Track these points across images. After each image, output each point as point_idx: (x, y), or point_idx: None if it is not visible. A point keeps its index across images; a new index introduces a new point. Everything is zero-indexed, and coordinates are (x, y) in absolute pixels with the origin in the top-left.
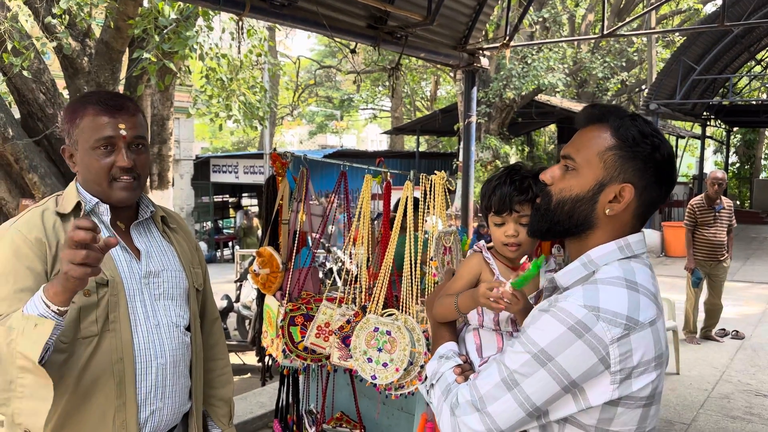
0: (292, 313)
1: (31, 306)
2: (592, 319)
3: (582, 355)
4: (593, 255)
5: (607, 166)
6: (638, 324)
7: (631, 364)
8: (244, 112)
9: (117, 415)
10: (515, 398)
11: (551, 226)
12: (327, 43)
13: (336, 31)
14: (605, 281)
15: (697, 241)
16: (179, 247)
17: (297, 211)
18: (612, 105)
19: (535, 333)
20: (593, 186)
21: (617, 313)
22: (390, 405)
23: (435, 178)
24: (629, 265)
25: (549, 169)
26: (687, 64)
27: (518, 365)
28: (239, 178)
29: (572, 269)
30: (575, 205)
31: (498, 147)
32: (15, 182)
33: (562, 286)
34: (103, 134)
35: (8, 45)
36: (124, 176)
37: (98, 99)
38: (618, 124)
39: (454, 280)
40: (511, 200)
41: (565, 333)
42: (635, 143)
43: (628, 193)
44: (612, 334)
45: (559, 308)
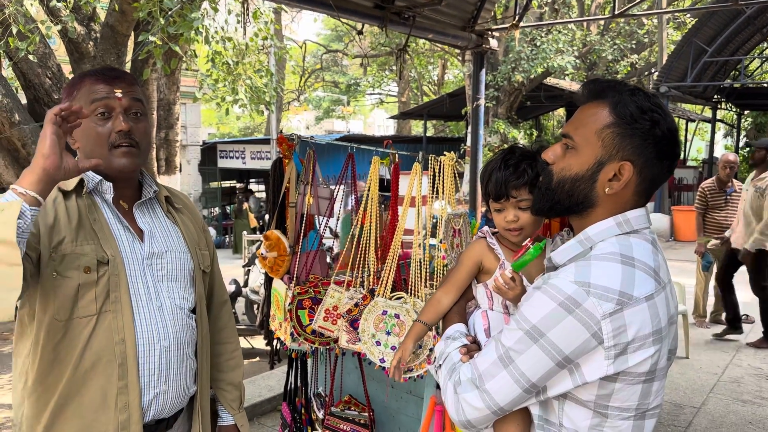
0: (299, 297)
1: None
2: (582, 295)
3: (573, 331)
4: (590, 232)
5: (605, 144)
6: (632, 299)
7: (626, 339)
8: (251, 96)
9: (119, 397)
10: (511, 375)
11: (553, 204)
12: (333, 27)
13: (342, 12)
14: (599, 257)
15: (707, 224)
16: (184, 228)
17: (304, 194)
18: (612, 80)
19: (528, 310)
20: (592, 165)
21: (608, 288)
22: (399, 388)
23: (444, 159)
24: (627, 240)
25: (550, 148)
26: (698, 45)
27: (512, 342)
28: (246, 163)
29: (568, 247)
30: (575, 184)
31: (506, 131)
32: (22, 167)
33: (557, 264)
34: (97, 97)
35: (13, 29)
36: (123, 142)
37: (95, 71)
38: (616, 101)
39: (456, 266)
40: (507, 186)
41: (555, 309)
42: (633, 120)
43: (627, 171)
44: (603, 309)
45: (551, 285)
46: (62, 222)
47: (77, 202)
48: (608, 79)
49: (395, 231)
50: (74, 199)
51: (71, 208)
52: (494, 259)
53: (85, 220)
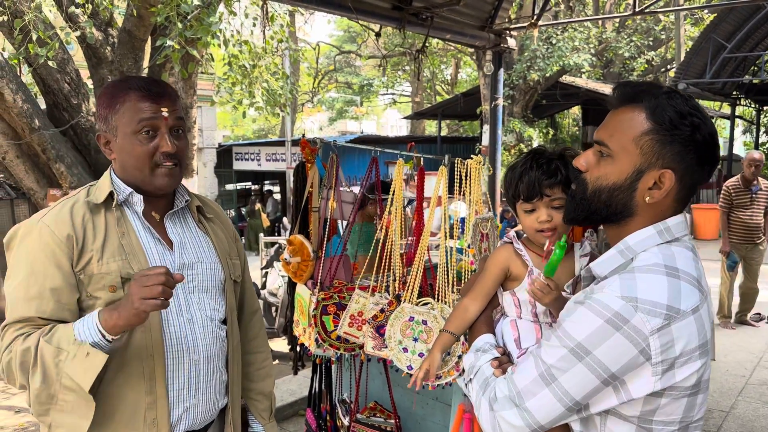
0: (324, 302)
1: (84, 330)
2: (630, 311)
3: (621, 348)
4: (630, 241)
5: (644, 152)
6: (680, 313)
7: (674, 354)
8: (267, 99)
9: (147, 413)
10: (553, 393)
11: (589, 214)
12: (346, 28)
13: (361, 14)
14: (643, 269)
15: (732, 223)
16: (215, 238)
17: (327, 199)
18: (646, 82)
19: (572, 326)
20: (631, 173)
21: (656, 302)
22: (424, 395)
23: (471, 162)
24: (669, 249)
25: (583, 155)
26: (717, 41)
27: (555, 360)
28: (261, 165)
29: (609, 257)
30: (613, 194)
31: (522, 130)
32: (42, 172)
33: (598, 276)
34: (146, 119)
35: (33, 35)
36: (166, 162)
37: (139, 84)
38: (653, 105)
39: (482, 273)
40: (540, 184)
41: (602, 326)
42: (673, 126)
43: (669, 180)
44: (652, 325)
45: (595, 300)
46: (89, 241)
47: (106, 215)
48: (642, 82)
49: (421, 235)
50: (103, 213)
51: (98, 224)
52: (522, 265)
53: (113, 235)
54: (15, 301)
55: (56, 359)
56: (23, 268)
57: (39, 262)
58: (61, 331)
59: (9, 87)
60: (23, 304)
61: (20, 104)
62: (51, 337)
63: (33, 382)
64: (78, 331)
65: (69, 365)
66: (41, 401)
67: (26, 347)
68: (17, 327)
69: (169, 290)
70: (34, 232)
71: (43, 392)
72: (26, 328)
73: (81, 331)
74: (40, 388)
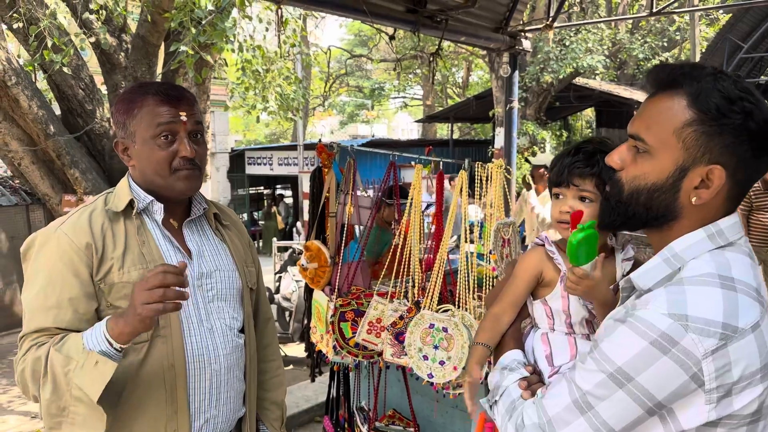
0: (342, 309)
1: (92, 339)
2: (680, 331)
3: (668, 374)
4: (677, 248)
5: (687, 146)
6: (737, 331)
7: (731, 379)
8: (280, 103)
9: (168, 424)
10: (590, 423)
11: (626, 219)
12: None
13: (375, 17)
14: (694, 280)
15: (752, 226)
16: (233, 246)
17: (344, 204)
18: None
19: (611, 348)
20: (673, 171)
21: (710, 320)
22: (444, 403)
23: (492, 167)
24: (723, 256)
25: (616, 151)
26: (733, 42)
27: (592, 386)
28: (273, 169)
29: (652, 267)
30: (653, 195)
31: (535, 132)
32: (57, 178)
33: (641, 289)
34: (165, 123)
35: (48, 42)
36: (186, 166)
37: (157, 89)
38: (696, 90)
39: (511, 280)
40: (570, 171)
41: (646, 348)
42: (720, 114)
43: (718, 176)
44: (705, 347)
45: (638, 318)
46: (109, 249)
47: (125, 224)
48: (681, 63)
49: (441, 241)
50: (122, 221)
51: (118, 233)
52: (554, 270)
53: (133, 244)
54: (33, 311)
55: (65, 369)
56: (41, 277)
57: (57, 271)
58: (71, 340)
59: (24, 93)
60: (41, 314)
61: (35, 110)
62: (62, 346)
63: (43, 393)
64: (87, 340)
65: (78, 375)
66: (52, 413)
67: (37, 356)
68: (34, 337)
69: (171, 291)
70: (52, 240)
71: (53, 404)
72: (42, 338)
73: (89, 339)
74: (51, 399)
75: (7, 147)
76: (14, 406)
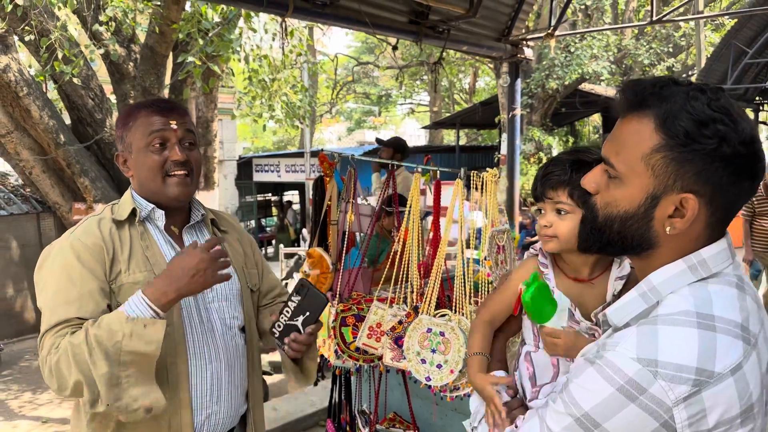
0: (343, 314)
1: (134, 309)
2: (648, 377)
3: (637, 421)
4: (655, 281)
5: (657, 173)
6: (713, 376)
7: (705, 426)
8: (286, 111)
9: (172, 418)
10: None
11: (603, 246)
12: (364, 39)
13: (378, 28)
14: (668, 319)
15: (755, 231)
16: (231, 249)
17: (345, 212)
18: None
19: (578, 392)
20: (644, 200)
21: (682, 365)
22: (443, 406)
23: (486, 175)
24: (705, 290)
25: (591, 174)
26: (738, 47)
27: (560, 428)
28: (281, 176)
29: (627, 302)
30: (625, 224)
31: (541, 138)
32: (67, 186)
33: (615, 326)
34: (154, 128)
35: (59, 54)
36: (177, 170)
37: (150, 103)
38: (664, 113)
39: (504, 287)
40: (543, 184)
41: (613, 395)
42: (690, 139)
43: (692, 206)
44: (676, 394)
45: (606, 361)
46: (118, 253)
47: (130, 230)
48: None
49: (438, 247)
50: (127, 228)
51: (124, 238)
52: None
53: (137, 248)
54: (54, 307)
55: (113, 340)
56: (59, 278)
57: (75, 270)
58: (107, 318)
59: (36, 104)
60: (63, 307)
61: (46, 120)
62: (99, 325)
63: (97, 369)
64: (127, 311)
65: (128, 342)
66: (112, 384)
67: (76, 342)
68: (56, 329)
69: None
70: (66, 247)
71: (111, 375)
72: (67, 329)
73: (130, 310)
74: (108, 371)
75: (19, 156)
76: (25, 411)
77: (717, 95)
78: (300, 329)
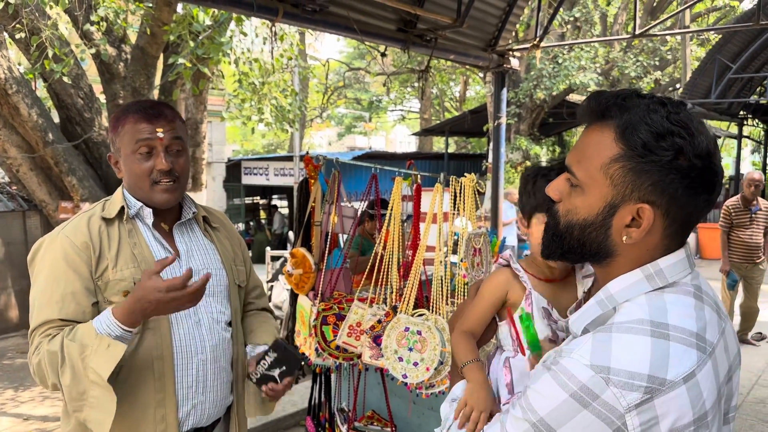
0: (324, 313)
1: (103, 326)
2: (600, 384)
3: (590, 428)
4: (612, 289)
5: (615, 182)
6: (665, 383)
7: None
8: (276, 115)
9: (157, 410)
10: None
11: (564, 252)
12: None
13: (366, 35)
14: (622, 327)
15: (732, 242)
16: (220, 246)
17: (329, 213)
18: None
19: (535, 397)
20: (602, 208)
21: (634, 372)
22: (420, 404)
23: (465, 180)
24: (660, 299)
25: (555, 182)
26: (722, 62)
27: None
28: (270, 180)
29: (586, 310)
30: (584, 231)
31: (528, 148)
32: (54, 185)
33: (575, 334)
34: (140, 137)
35: (49, 52)
36: (164, 179)
37: (138, 108)
38: (624, 123)
39: (477, 300)
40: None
41: (567, 401)
42: (647, 150)
43: (647, 216)
44: (628, 401)
45: (561, 367)
46: (105, 250)
47: (119, 228)
48: (617, 91)
49: (417, 249)
50: (116, 225)
51: (112, 235)
52: (521, 289)
53: (125, 245)
54: (40, 306)
55: (81, 355)
56: (45, 275)
57: (60, 268)
58: (82, 330)
59: (24, 101)
60: (47, 307)
61: (35, 118)
62: (74, 336)
63: (64, 380)
64: (98, 327)
65: (92, 359)
66: (74, 398)
67: (53, 349)
68: (42, 330)
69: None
70: (55, 242)
71: (74, 389)
72: (51, 330)
73: (100, 326)
74: (71, 385)
75: (6, 153)
76: (7, 408)
77: (677, 109)
78: (277, 380)
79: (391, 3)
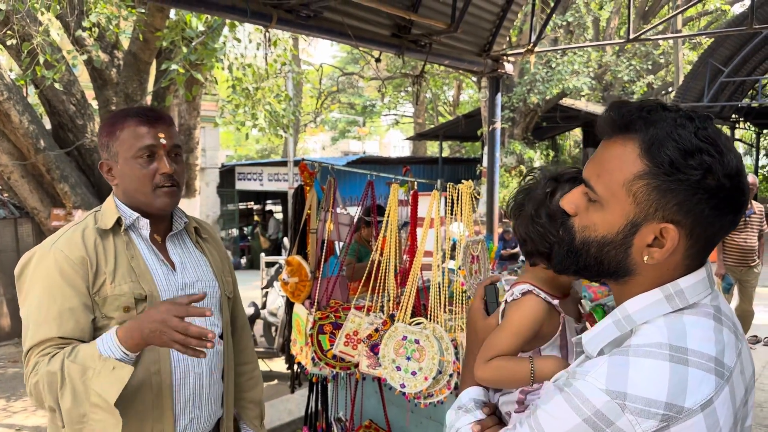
0: (320, 322)
1: (106, 347)
2: (616, 410)
3: None
4: (630, 309)
5: (638, 200)
6: (683, 411)
7: None
8: (270, 120)
9: (155, 425)
10: None
11: (579, 268)
12: (349, 50)
13: (361, 41)
14: (640, 351)
15: (727, 246)
16: (211, 257)
17: (325, 221)
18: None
19: (545, 419)
20: (623, 226)
21: (651, 400)
22: (418, 413)
23: (462, 187)
24: (680, 321)
25: (570, 195)
26: (714, 66)
27: None
28: (264, 185)
29: (602, 330)
30: (603, 249)
31: (522, 152)
32: (46, 192)
33: (589, 355)
34: (145, 143)
35: (40, 58)
36: (166, 183)
37: (137, 112)
38: (650, 138)
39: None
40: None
41: (579, 425)
42: (675, 169)
43: (672, 236)
44: (643, 428)
45: (575, 390)
46: (102, 264)
47: (114, 240)
48: (642, 102)
49: (414, 256)
50: (111, 238)
51: (108, 248)
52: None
53: (123, 259)
54: (36, 324)
55: (83, 377)
56: (40, 291)
57: (56, 284)
58: (84, 350)
59: (15, 108)
60: (45, 325)
61: (26, 125)
62: (75, 356)
63: (63, 403)
64: (101, 348)
65: (96, 381)
66: (73, 420)
67: (52, 370)
68: (40, 349)
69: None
70: (48, 256)
71: (74, 411)
72: (49, 349)
73: (103, 347)
74: (71, 408)
75: None
76: None
77: (705, 124)
78: None
79: (385, 9)
